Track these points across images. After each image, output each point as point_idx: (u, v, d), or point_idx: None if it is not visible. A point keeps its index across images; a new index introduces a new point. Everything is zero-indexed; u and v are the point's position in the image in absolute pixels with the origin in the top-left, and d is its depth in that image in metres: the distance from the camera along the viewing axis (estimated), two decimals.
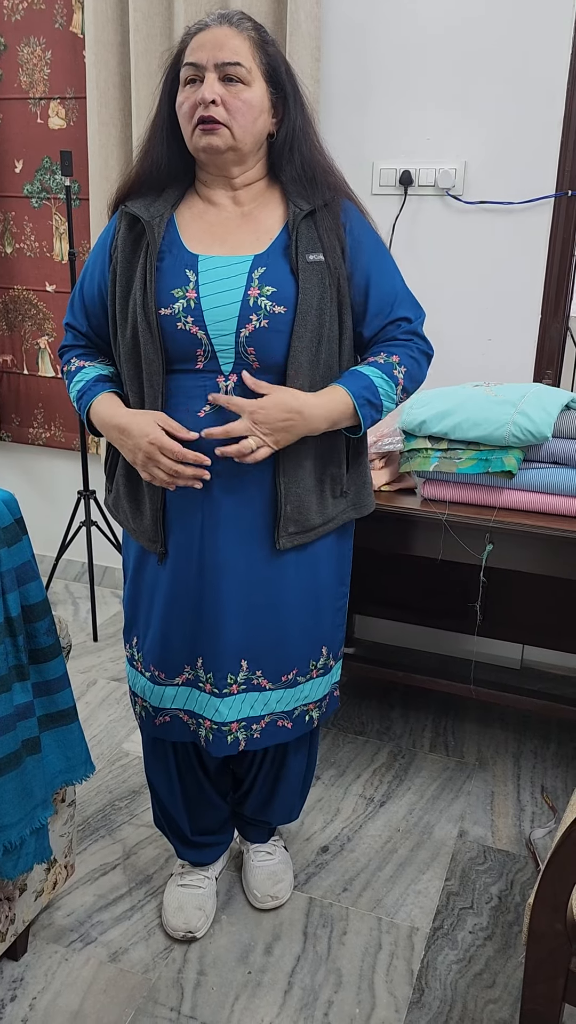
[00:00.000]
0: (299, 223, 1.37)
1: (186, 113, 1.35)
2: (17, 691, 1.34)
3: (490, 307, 2.36)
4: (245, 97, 1.33)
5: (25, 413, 3.12)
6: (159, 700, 1.56)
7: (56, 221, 2.86)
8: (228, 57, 1.31)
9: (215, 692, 1.50)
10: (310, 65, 2.27)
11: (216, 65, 1.32)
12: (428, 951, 1.68)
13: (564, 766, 2.25)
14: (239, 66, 1.32)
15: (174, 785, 1.68)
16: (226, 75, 1.32)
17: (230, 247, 1.39)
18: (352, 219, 1.44)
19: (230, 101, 1.33)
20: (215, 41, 1.32)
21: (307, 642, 1.54)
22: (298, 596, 1.50)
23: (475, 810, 2.08)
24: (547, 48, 2.13)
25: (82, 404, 1.47)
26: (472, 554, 1.89)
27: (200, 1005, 1.56)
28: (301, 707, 1.58)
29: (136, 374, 1.41)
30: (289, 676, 1.54)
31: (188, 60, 1.34)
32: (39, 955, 1.65)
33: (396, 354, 1.44)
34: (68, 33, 2.66)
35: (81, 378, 1.48)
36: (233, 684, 1.50)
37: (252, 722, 1.53)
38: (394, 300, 1.45)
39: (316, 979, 1.62)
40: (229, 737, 1.52)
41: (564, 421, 1.86)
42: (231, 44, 1.32)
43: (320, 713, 1.63)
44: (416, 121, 2.30)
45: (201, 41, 1.33)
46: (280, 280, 1.35)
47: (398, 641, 2.71)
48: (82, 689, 2.54)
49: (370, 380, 1.40)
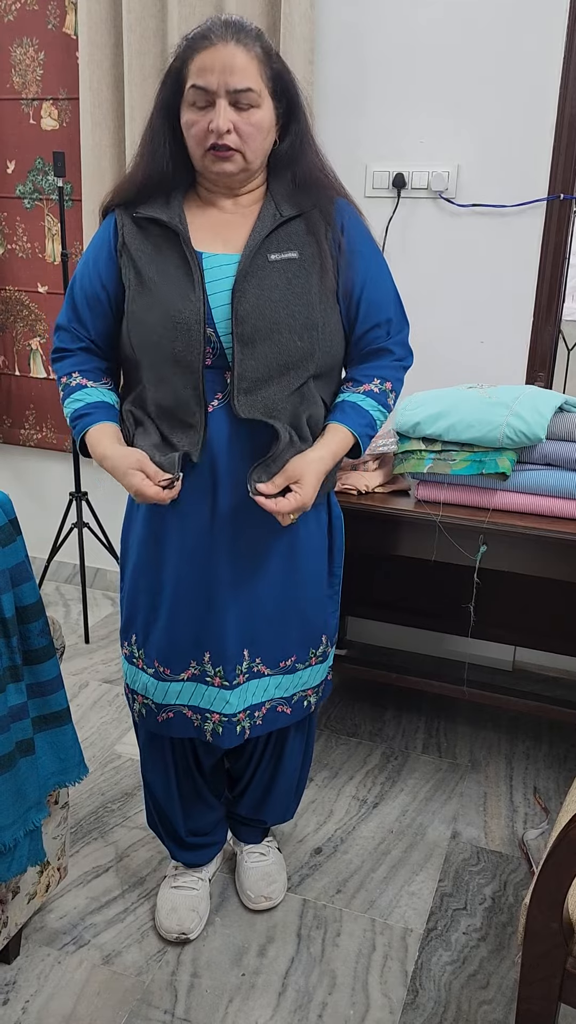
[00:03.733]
0: (277, 226, 1.39)
1: (196, 136, 1.35)
2: (11, 692, 1.33)
3: (483, 309, 2.37)
4: (256, 121, 1.34)
5: (16, 414, 3.11)
6: (163, 697, 1.56)
7: (48, 222, 2.86)
8: (239, 84, 1.30)
9: (225, 685, 1.52)
10: (304, 68, 2.27)
11: (227, 92, 1.30)
12: (422, 952, 1.68)
13: (556, 767, 2.25)
14: (250, 91, 1.31)
15: (171, 784, 1.68)
16: (236, 101, 1.31)
17: (232, 246, 1.40)
18: (347, 217, 1.46)
19: (242, 127, 1.33)
20: (224, 64, 1.29)
21: (305, 630, 1.58)
22: (296, 584, 1.53)
23: (468, 811, 2.08)
24: (540, 52, 2.14)
25: (78, 426, 1.46)
26: (466, 555, 1.90)
27: (194, 1007, 1.56)
28: (300, 693, 1.61)
29: (159, 371, 1.40)
30: (287, 663, 1.57)
31: (196, 83, 1.31)
32: (32, 958, 1.64)
33: (389, 380, 1.50)
34: (61, 34, 2.66)
35: (81, 398, 1.47)
36: (240, 675, 1.53)
37: (254, 709, 1.56)
38: (384, 304, 1.49)
39: (310, 981, 1.62)
40: (238, 727, 1.55)
41: (557, 423, 1.87)
42: (240, 67, 1.30)
43: (317, 698, 1.66)
44: (409, 124, 2.31)
45: (208, 63, 1.30)
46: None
47: (391, 642, 2.72)
48: (74, 691, 2.53)
49: (371, 417, 1.48)
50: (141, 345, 1.41)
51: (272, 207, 1.41)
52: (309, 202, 1.42)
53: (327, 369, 1.47)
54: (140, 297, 1.40)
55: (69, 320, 1.50)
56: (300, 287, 1.38)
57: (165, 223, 1.40)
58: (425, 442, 1.94)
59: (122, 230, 1.43)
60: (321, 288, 1.40)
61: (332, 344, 1.45)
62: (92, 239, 1.50)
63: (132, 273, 1.41)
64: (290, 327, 1.37)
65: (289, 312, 1.37)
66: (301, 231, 1.41)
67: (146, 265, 1.40)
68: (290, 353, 1.38)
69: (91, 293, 1.47)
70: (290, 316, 1.37)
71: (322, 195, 1.43)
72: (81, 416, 1.46)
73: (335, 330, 1.45)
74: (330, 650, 1.66)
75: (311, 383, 1.44)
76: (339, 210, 1.44)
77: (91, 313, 1.48)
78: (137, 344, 1.41)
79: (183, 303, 1.36)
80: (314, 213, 1.42)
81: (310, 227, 1.41)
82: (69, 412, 1.48)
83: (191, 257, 1.37)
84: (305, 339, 1.39)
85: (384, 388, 1.49)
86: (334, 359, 1.47)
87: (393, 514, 1.95)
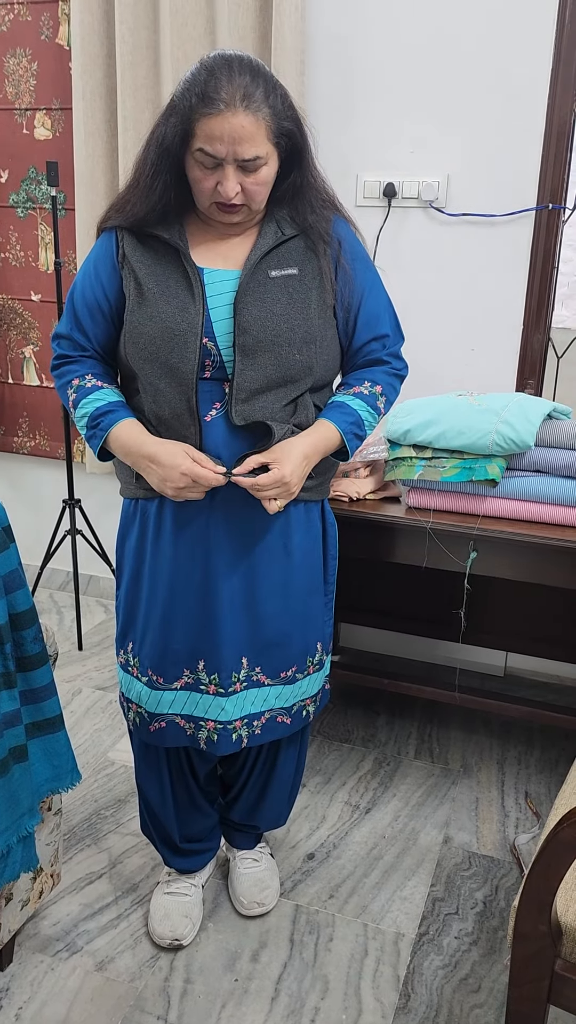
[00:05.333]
0: (278, 243, 1.42)
1: (203, 192, 1.36)
2: (4, 699, 1.34)
3: (473, 317, 2.39)
4: (263, 178, 1.35)
5: (10, 422, 3.12)
6: (156, 705, 1.56)
7: (42, 231, 2.87)
8: (247, 153, 1.30)
9: (220, 692, 1.52)
10: (295, 79, 2.29)
11: (235, 159, 1.31)
12: (414, 957, 1.69)
13: (548, 772, 2.27)
14: (258, 158, 1.32)
15: (166, 792, 1.69)
16: (244, 165, 1.32)
17: (232, 262, 1.43)
18: (344, 235, 1.49)
19: (249, 187, 1.35)
20: (233, 135, 1.28)
21: (304, 639, 1.59)
22: (295, 594, 1.54)
23: (460, 816, 2.09)
24: (528, 63, 2.17)
25: (103, 422, 1.45)
26: (456, 562, 1.91)
27: (187, 1013, 1.56)
28: (299, 702, 1.62)
29: (154, 382, 1.41)
30: (288, 673, 1.58)
31: (204, 148, 1.30)
32: (25, 965, 1.64)
33: (379, 383, 1.52)
34: (54, 45, 2.67)
35: (101, 398, 1.47)
36: (237, 682, 1.53)
37: (253, 719, 1.57)
38: (380, 318, 1.52)
39: (303, 986, 1.62)
40: (234, 735, 1.55)
41: (546, 430, 1.89)
42: (249, 136, 1.29)
43: (315, 707, 1.67)
44: (399, 134, 2.33)
45: (217, 132, 1.28)
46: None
47: (383, 649, 2.73)
48: (67, 698, 2.53)
49: (358, 416, 1.49)
50: (137, 356, 1.42)
51: (274, 225, 1.44)
52: (308, 220, 1.44)
53: (324, 382, 1.50)
54: (139, 308, 1.41)
55: (70, 329, 1.50)
56: (300, 302, 1.41)
57: (166, 240, 1.41)
58: (416, 449, 1.96)
59: (123, 243, 1.44)
60: (320, 304, 1.43)
61: (329, 358, 1.48)
62: (92, 250, 1.50)
63: (133, 284, 1.43)
64: (290, 341, 1.40)
65: (290, 326, 1.39)
66: (300, 248, 1.44)
67: (146, 277, 1.41)
68: (289, 366, 1.40)
69: (92, 302, 1.47)
70: (290, 330, 1.40)
71: (321, 214, 1.45)
72: (105, 413, 1.46)
73: (332, 344, 1.48)
74: (326, 658, 1.67)
75: (307, 396, 1.47)
76: (336, 227, 1.47)
77: (92, 321, 1.48)
78: (133, 355, 1.43)
79: (181, 315, 1.38)
80: (313, 231, 1.44)
81: (309, 244, 1.44)
82: (90, 411, 1.47)
83: (191, 271, 1.39)
84: (304, 353, 1.41)
85: (374, 391, 1.51)
86: (331, 372, 1.51)
87: (384, 521, 1.96)
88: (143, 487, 1.48)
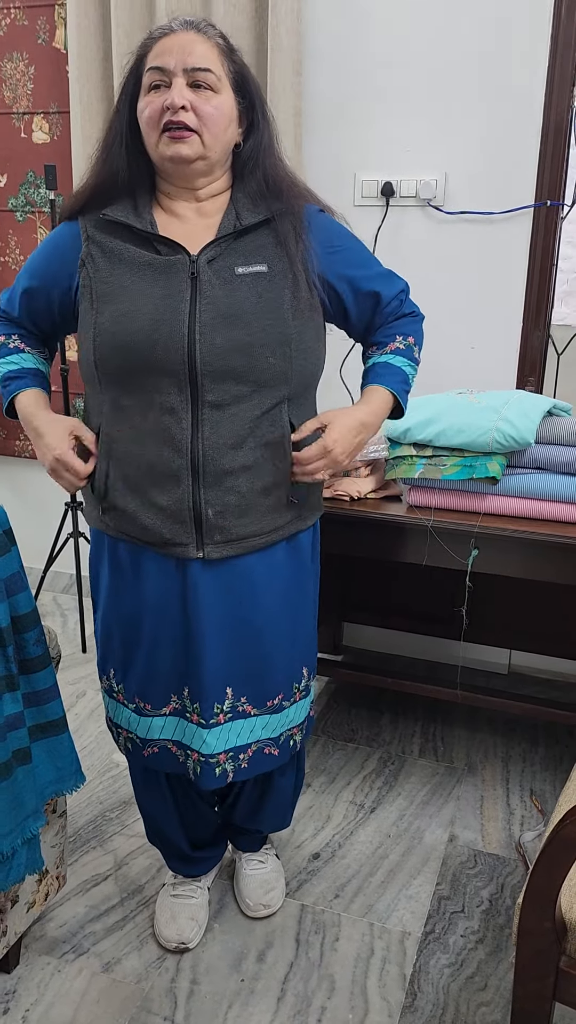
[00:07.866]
0: (237, 233, 1.34)
1: (150, 119, 1.29)
2: (7, 701, 1.34)
3: (472, 315, 2.39)
4: (216, 103, 1.29)
5: (11, 426, 3.13)
6: (146, 731, 1.52)
7: (40, 234, 2.88)
8: (198, 62, 1.26)
9: (202, 723, 1.47)
10: (292, 79, 2.30)
11: (185, 70, 1.26)
12: (420, 955, 1.69)
13: (552, 769, 2.26)
14: (209, 72, 1.27)
15: (169, 809, 1.65)
16: (195, 81, 1.27)
17: (194, 245, 1.34)
18: (315, 220, 1.41)
19: (200, 107, 1.27)
20: (182, 46, 1.27)
21: (289, 665, 1.53)
22: (278, 620, 1.48)
23: (465, 814, 2.09)
24: (526, 61, 2.17)
25: (11, 386, 1.46)
26: (458, 559, 1.91)
27: (194, 1014, 1.56)
28: (286, 732, 1.57)
29: (122, 380, 1.34)
30: (274, 701, 1.52)
31: (153, 64, 1.28)
32: (31, 967, 1.65)
33: (411, 335, 1.51)
34: (51, 49, 2.68)
35: (17, 362, 1.46)
36: (220, 714, 1.47)
37: (239, 751, 1.51)
38: (388, 278, 1.49)
39: (309, 985, 1.62)
40: (217, 769, 1.49)
41: (546, 427, 1.89)
42: (199, 50, 1.27)
43: (302, 735, 1.62)
44: (397, 133, 2.33)
45: (167, 46, 1.28)
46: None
47: (386, 648, 2.73)
48: (71, 700, 2.54)
49: (404, 373, 1.48)
50: (111, 354, 1.33)
51: (233, 215, 1.35)
52: (274, 208, 1.35)
53: (302, 389, 1.41)
54: (106, 307, 1.32)
55: (10, 309, 1.48)
56: (271, 301, 1.33)
57: (138, 229, 1.34)
58: (416, 447, 1.96)
59: (86, 236, 1.37)
60: (294, 302, 1.35)
61: (307, 361, 1.39)
62: (49, 237, 1.44)
63: (91, 279, 1.35)
64: (263, 343, 1.32)
65: (261, 327, 1.31)
66: (270, 243, 1.35)
67: (104, 270, 1.34)
68: (263, 371, 1.32)
69: (43, 294, 1.43)
70: (262, 331, 1.31)
71: (289, 203, 1.37)
72: (15, 378, 1.46)
73: (310, 346, 1.39)
74: (312, 683, 1.62)
75: (285, 406, 1.38)
76: (308, 215, 1.40)
77: (37, 313, 1.45)
78: (106, 355, 1.33)
79: (159, 312, 1.31)
80: (283, 222, 1.35)
81: (279, 238, 1.35)
82: (3, 371, 1.46)
83: (179, 270, 1.32)
84: (278, 355, 1.33)
85: (408, 343, 1.49)
86: (310, 378, 1.42)
87: (385, 520, 1.96)
88: (105, 521, 1.43)
